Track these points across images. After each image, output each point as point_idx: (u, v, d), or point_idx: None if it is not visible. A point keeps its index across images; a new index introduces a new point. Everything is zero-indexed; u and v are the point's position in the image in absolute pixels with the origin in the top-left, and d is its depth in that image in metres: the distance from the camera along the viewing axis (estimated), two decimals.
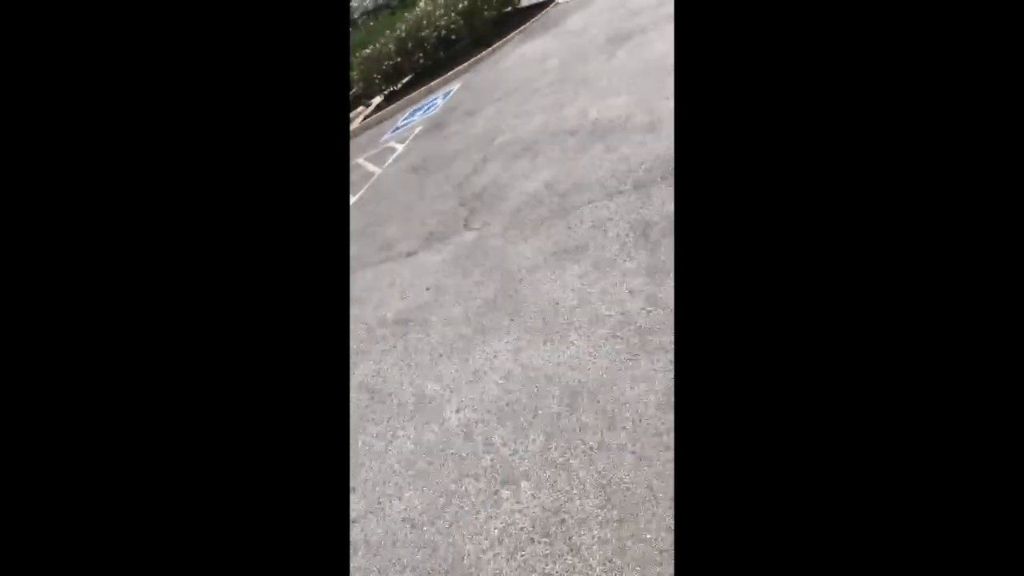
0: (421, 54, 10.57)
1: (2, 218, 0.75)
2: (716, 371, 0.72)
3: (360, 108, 12.65)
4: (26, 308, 0.75)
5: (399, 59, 10.62)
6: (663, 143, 3.51)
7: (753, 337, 0.72)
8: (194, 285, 0.80)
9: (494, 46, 9.59)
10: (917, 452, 0.64)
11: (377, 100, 12.06)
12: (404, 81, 11.29)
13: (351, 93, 12.45)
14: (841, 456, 0.67)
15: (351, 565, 2.09)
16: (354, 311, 4.04)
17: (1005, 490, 0.61)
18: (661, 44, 5.08)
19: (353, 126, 11.34)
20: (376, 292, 4.10)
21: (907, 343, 0.66)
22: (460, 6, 10.08)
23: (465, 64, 9.59)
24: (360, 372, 3.28)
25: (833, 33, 0.72)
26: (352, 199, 6.80)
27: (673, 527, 1.61)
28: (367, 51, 11.02)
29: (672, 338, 2.20)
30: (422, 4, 10.62)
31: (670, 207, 2.90)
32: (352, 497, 2.43)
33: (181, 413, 0.77)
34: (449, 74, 9.69)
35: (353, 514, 2.34)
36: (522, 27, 9.63)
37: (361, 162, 8.27)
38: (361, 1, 15.70)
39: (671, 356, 2.13)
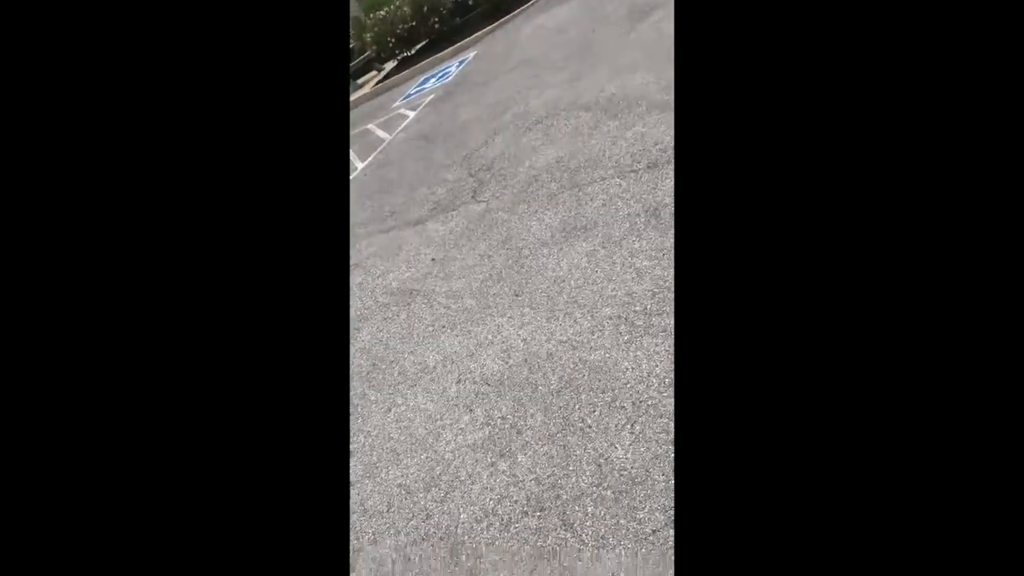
0: (437, 19, 10.36)
1: (2, 218, 0.74)
2: (717, 355, 0.72)
3: (372, 72, 12.47)
4: (24, 304, 0.74)
5: (414, 23, 10.41)
6: None
7: (754, 321, 0.71)
8: (191, 251, 0.79)
9: (512, 14, 9.38)
10: (917, 444, 0.64)
11: (390, 65, 11.87)
12: (418, 47, 11.08)
13: (363, 56, 12.25)
14: (840, 443, 0.66)
15: None
16: (359, 278, 4.03)
17: (1005, 490, 0.61)
18: None
19: (364, 91, 11.19)
20: (381, 260, 4.09)
21: (906, 331, 0.65)
22: None
23: (481, 32, 9.39)
24: (362, 339, 3.29)
25: (834, 23, 0.69)
26: (360, 165, 6.75)
27: (665, 507, 1.62)
28: (382, 13, 10.80)
29: None
30: None
31: None
32: (349, 461, 2.46)
33: (181, 376, 0.77)
34: (464, 41, 9.50)
35: (350, 477, 2.37)
36: None
37: (371, 128, 8.18)
38: None
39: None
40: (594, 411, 2.02)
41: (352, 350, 3.23)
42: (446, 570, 1.81)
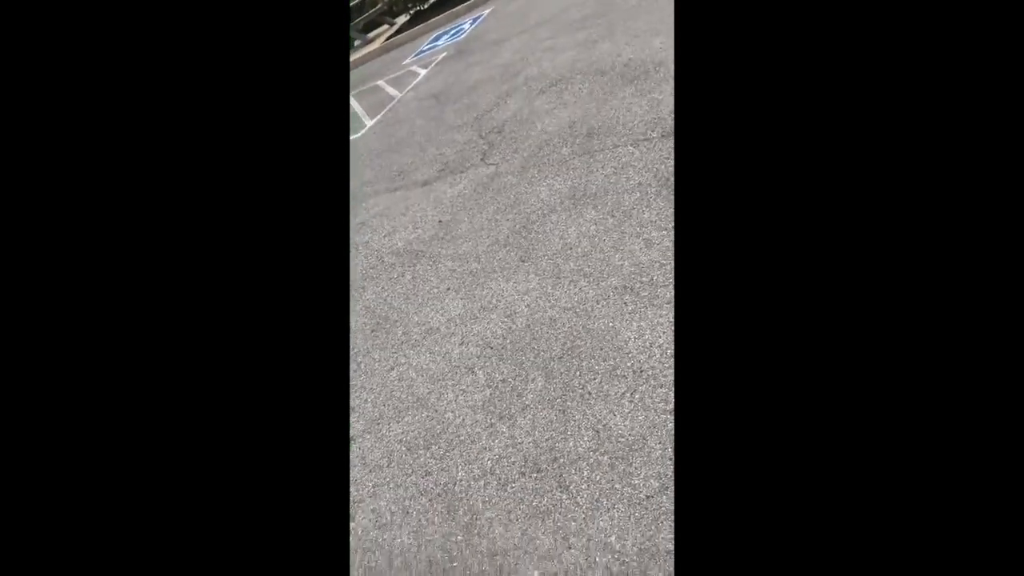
0: None
1: (2, 218, 0.74)
2: (718, 328, 0.71)
3: (384, 27, 12.16)
4: (25, 306, 0.74)
5: None
6: None
7: (756, 296, 0.70)
8: (187, 210, 0.78)
9: None
10: (916, 434, 0.64)
11: (402, 19, 11.56)
12: (431, 1, 10.77)
13: (375, 10, 11.92)
14: (836, 419, 0.66)
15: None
16: (364, 237, 4.02)
17: (1005, 490, 0.61)
18: None
19: (375, 46, 10.93)
20: (388, 220, 4.07)
21: (904, 319, 0.65)
22: None
23: None
24: (367, 298, 3.30)
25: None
26: (369, 123, 6.65)
27: (660, 475, 1.65)
28: None
29: None
30: None
31: None
32: (351, 417, 2.50)
33: (183, 335, 0.77)
34: None
35: (351, 432, 2.41)
36: None
37: (381, 84, 8.02)
38: None
39: None
40: (595, 378, 2.04)
41: (357, 309, 3.25)
42: (443, 524, 1.86)
